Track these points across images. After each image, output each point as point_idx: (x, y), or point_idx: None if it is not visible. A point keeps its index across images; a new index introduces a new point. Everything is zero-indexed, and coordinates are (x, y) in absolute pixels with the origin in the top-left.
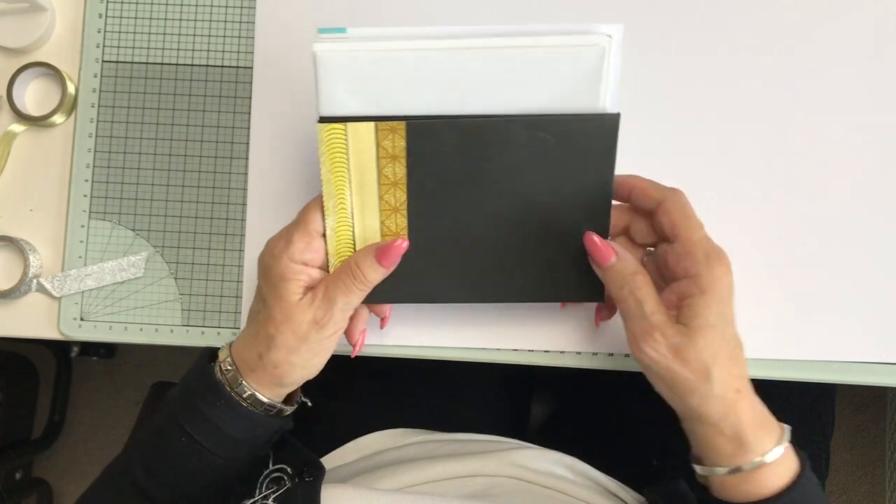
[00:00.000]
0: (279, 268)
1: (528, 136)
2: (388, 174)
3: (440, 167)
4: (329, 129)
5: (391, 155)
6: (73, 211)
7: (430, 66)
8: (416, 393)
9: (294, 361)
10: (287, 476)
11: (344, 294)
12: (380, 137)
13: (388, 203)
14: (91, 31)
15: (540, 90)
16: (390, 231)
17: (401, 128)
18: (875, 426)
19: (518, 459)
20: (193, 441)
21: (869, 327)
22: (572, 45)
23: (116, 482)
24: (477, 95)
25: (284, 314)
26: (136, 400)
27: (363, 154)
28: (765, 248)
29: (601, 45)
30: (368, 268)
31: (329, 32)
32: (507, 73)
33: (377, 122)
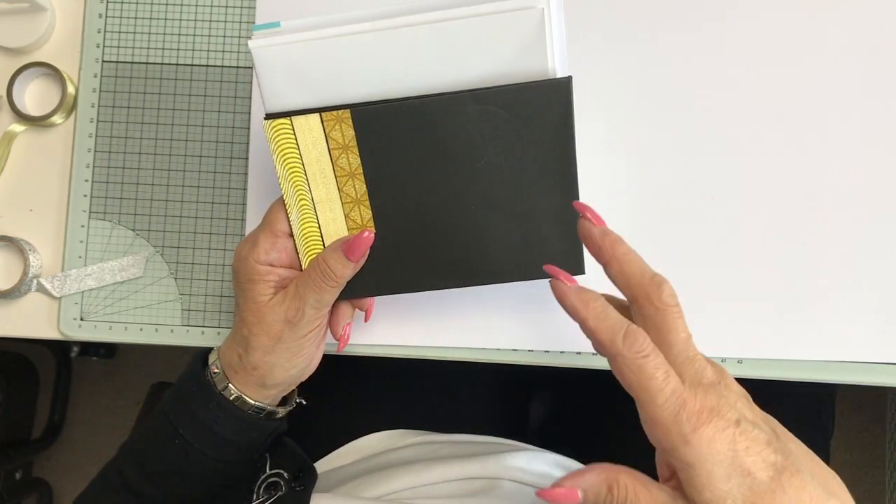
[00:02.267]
0: (246, 270)
1: (477, 110)
2: (344, 165)
3: (394, 152)
4: (275, 125)
5: (342, 145)
6: (73, 211)
7: (368, 49)
8: (415, 393)
9: (272, 362)
10: (284, 481)
11: (314, 291)
12: (327, 128)
13: (349, 195)
14: (91, 31)
15: (483, 61)
16: (356, 224)
17: (346, 116)
18: (875, 426)
19: (517, 462)
20: (186, 442)
21: (869, 327)
22: (509, 10)
23: (111, 482)
24: (420, 74)
25: (255, 315)
26: (136, 400)
27: (314, 147)
28: (764, 248)
29: (538, 6)
30: (336, 262)
31: (263, 28)
32: (446, 47)
33: (321, 113)
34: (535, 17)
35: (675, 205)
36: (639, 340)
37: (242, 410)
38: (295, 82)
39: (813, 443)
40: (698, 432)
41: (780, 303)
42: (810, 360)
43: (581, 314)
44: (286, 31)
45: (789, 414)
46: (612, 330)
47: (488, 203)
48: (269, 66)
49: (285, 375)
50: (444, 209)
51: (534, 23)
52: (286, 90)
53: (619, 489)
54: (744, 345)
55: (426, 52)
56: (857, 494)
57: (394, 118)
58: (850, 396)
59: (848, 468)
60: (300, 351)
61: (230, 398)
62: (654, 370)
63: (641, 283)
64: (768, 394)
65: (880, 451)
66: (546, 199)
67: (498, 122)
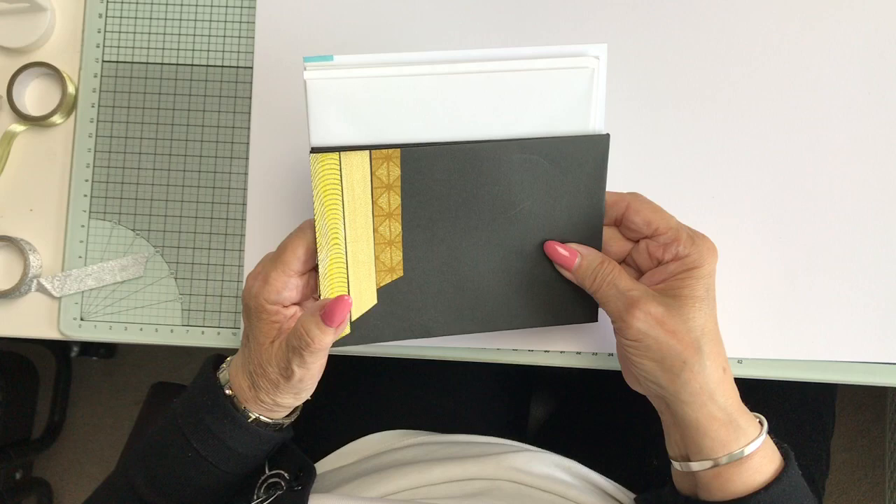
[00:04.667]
0: (255, 307)
1: (521, 159)
2: (383, 205)
3: (435, 195)
4: (322, 160)
5: (386, 184)
6: (73, 211)
7: (422, 92)
8: (415, 393)
9: (279, 400)
10: (284, 481)
11: (297, 357)
12: (374, 166)
13: (383, 236)
14: (91, 31)
15: (532, 113)
16: (384, 266)
17: (395, 155)
18: (875, 426)
19: (516, 463)
20: (200, 456)
21: (869, 327)
22: (562, 69)
23: (118, 490)
24: (469, 120)
25: (258, 357)
26: (136, 400)
27: (357, 185)
28: (765, 249)
29: (590, 67)
30: (313, 328)
31: (316, 60)
32: (498, 97)
33: (372, 151)
34: (585, 76)
35: (675, 205)
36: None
37: (257, 427)
38: (346, 117)
39: (813, 443)
40: (703, 247)
41: (781, 303)
42: (810, 360)
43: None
44: (339, 65)
45: (789, 414)
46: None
47: (518, 249)
48: (322, 100)
49: (291, 406)
50: (474, 253)
51: (584, 81)
52: (336, 125)
53: (609, 265)
54: (744, 345)
55: (477, 100)
56: (857, 494)
57: (441, 160)
58: (850, 396)
59: (848, 468)
60: (300, 394)
61: (249, 420)
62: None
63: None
64: (768, 394)
65: (880, 451)
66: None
67: (538, 172)
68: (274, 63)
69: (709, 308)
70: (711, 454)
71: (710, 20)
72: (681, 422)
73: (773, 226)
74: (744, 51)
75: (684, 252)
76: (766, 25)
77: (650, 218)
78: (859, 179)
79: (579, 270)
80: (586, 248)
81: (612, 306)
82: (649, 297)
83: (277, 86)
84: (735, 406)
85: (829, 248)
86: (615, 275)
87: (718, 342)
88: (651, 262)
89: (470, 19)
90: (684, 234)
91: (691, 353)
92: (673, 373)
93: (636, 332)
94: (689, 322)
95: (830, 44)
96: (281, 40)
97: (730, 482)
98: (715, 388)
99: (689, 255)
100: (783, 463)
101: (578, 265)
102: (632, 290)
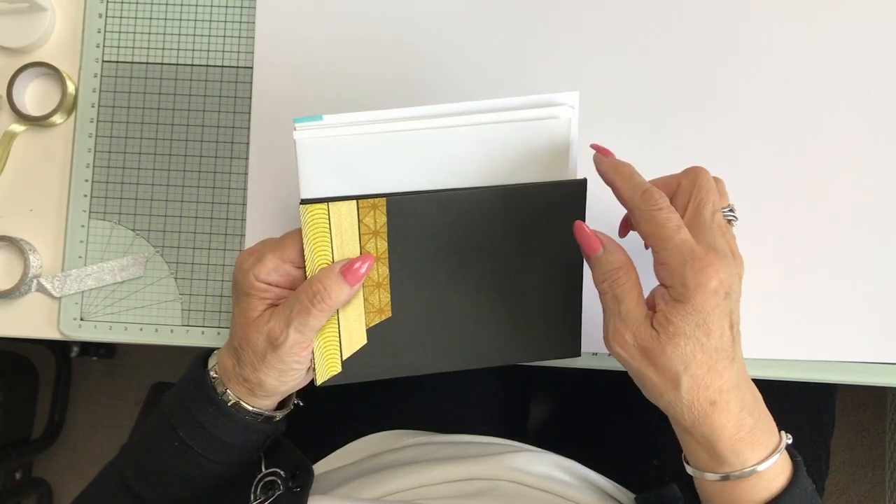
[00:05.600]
0: (244, 283)
1: (504, 204)
2: (371, 249)
3: (421, 240)
4: (312, 210)
5: (373, 231)
6: (73, 211)
7: (408, 145)
8: (414, 393)
9: (261, 379)
10: (281, 480)
11: (302, 313)
12: (361, 214)
13: (371, 278)
14: (91, 31)
15: (512, 161)
16: (373, 307)
17: (381, 204)
18: (875, 426)
19: (516, 463)
20: (185, 445)
21: (869, 327)
22: (540, 119)
23: (109, 484)
24: (453, 170)
25: (244, 330)
26: (136, 400)
27: (346, 231)
28: (765, 249)
29: (566, 116)
30: (334, 284)
31: (305, 121)
32: (479, 147)
33: (359, 200)
34: (562, 125)
35: None
36: (654, 196)
37: (241, 415)
38: (334, 172)
39: (813, 443)
40: (695, 278)
41: (781, 303)
42: (810, 360)
43: (610, 175)
44: (328, 124)
45: (789, 414)
46: (634, 189)
47: (502, 290)
48: (311, 157)
49: (275, 390)
50: (459, 294)
51: (562, 129)
52: (325, 179)
53: (624, 276)
54: (744, 345)
55: (459, 151)
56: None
57: (425, 208)
58: (850, 396)
59: (848, 468)
60: (288, 372)
61: (228, 403)
62: (665, 220)
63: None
64: (768, 394)
65: (880, 451)
66: (553, 286)
67: (521, 216)
68: (274, 63)
69: (697, 343)
70: (698, 468)
71: (710, 20)
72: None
73: (773, 226)
74: (744, 50)
75: (668, 281)
76: (764, 24)
77: (649, 233)
78: (859, 179)
79: (597, 262)
80: (613, 245)
81: (605, 317)
82: (641, 328)
83: (277, 86)
84: (726, 437)
85: (829, 248)
86: (623, 290)
87: (713, 374)
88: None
89: (475, 9)
90: (676, 260)
91: (668, 388)
92: (653, 397)
93: (616, 355)
94: (671, 360)
95: (832, 44)
96: (281, 40)
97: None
98: (696, 420)
99: (673, 288)
100: (791, 476)
101: (598, 257)
102: (628, 316)
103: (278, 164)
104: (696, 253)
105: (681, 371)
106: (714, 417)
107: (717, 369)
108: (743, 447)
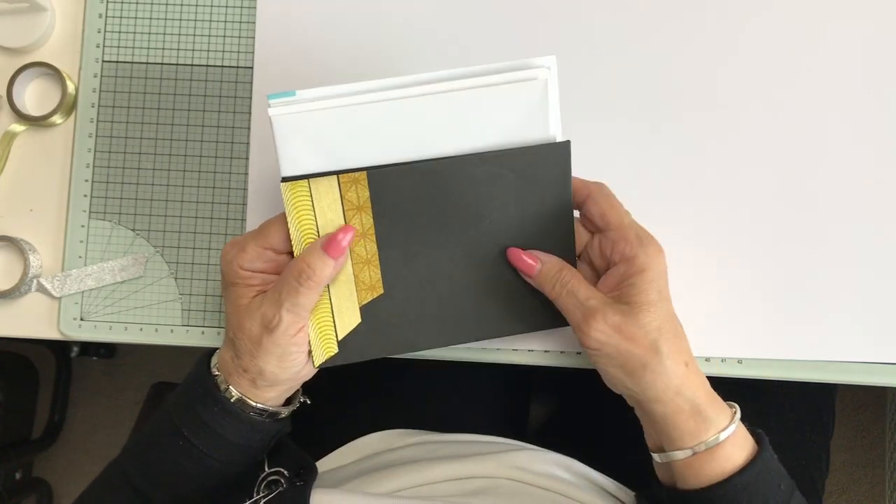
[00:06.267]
0: (229, 273)
1: (484, 172)
2: (357, 225)
3: (405, 213)
4: (292, 187)
5: (357, 206)
6: (73, 211)
7: (382, 117)
8: (415, 393)
9: (260, 366)
10: (284, 478)
11: (291, 294)
12: (343, 190)
13: (360, 256)
14: (91, 31)
15: (490, 127)
16: (365, 285)
17: (362, 178)
18: (875, 426)
19: (516, 461)
20: (190, 444)
21: (869, 327)
22: (514, 82)
23: (113, 483)
24: (431, 139)
25: (237, 319)
26: (136, 400)
27: (329, 209)
28: (764, 248)
29: (542, 77)
30: (317, 260)
31: (279, 97)
32: (456, 114)
33: (339, 175)
34: (538, 87)
35: (674, 205)
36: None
37: (245, 412)
38: (312, 148)
39: (813, 443)
40: (650, 249)
41: (780, 303)
42: (810, 360)
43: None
44: (301, 99)
45: (789, 414)
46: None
47: (492, 261)
48: (288, 133)
49: (277, 378)
50: (450, 267)
51: (537, 92)
52: (303, 155)
53: (568, 272)
54: (744, 345)
55: (436, 120)
56: (857, 494)
57: (407, 180)
58: (850, 396)
59: (848, 468)
60: (286, 356)
61: (231, 400)
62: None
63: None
64: (768, 394)
65: (880, 451)
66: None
67: (503, 183)
68: (274, 63)
69: (662, 309)
70: (683, 444)
71: (709, 20)
72: (651, 417)
73: (773, 226)
74: (744, 50)
75: (630, 253)
76: (764, 24)
77: (605, 211)
78: (859, 179)
79: (539, 277)
80: (547, 256)
81: (571, 315)
82: (607, 306)
83: (277, 86)
84: (704, 398)
85: (829, 248)
86: (574, 284)
87: (678, 339)
88: (602, 261)
89: (477, 13)
90: (633, 234)
91: (650, 356)
92: (636, 376)
93: (595, 341)
94: (646, 326)
95: (833, 44)
96: (281, 40)
97: (703, 469)
98: (680, 384)
99: (637, 257)
100: (756, 448)
101: (539, 272)
102: (590, 300)
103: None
104: (647, 231)
105: (656, 337)
106: (692, 378)
107: (679, 333)
108: (717, 406)
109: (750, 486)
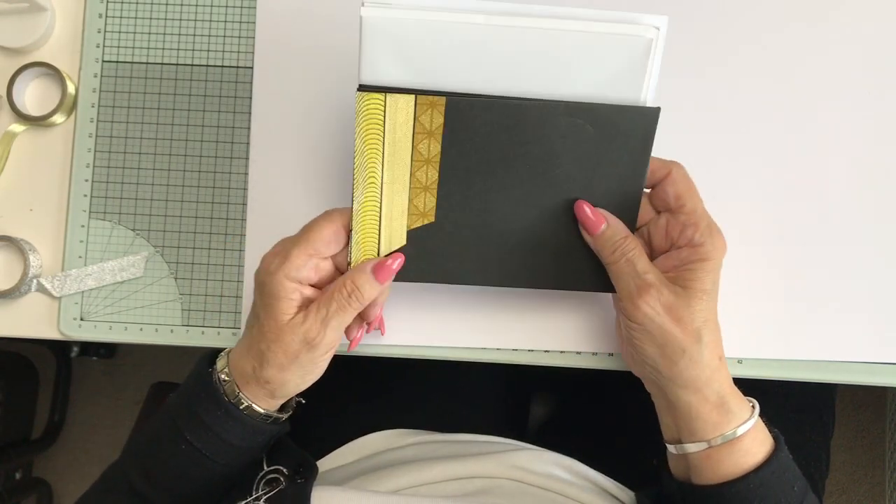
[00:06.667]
0: (273, 285)
1: (566, 122)
2: (423, 150)
3: (476, 147)
4: (367, 99)
5: (428, 131)
6: (73, 211)
7: (476, 41)
8: (415, 393)
9: (286, 379)
10: (283, 476)
11: (339, 312)
12: (418, 112)
13: (419, 181)
14: (91, 31)
15: (583, 76)
16: (418, 210)
17: (440, 103)
18: (875, 426)
19: (517, 461)
20: (193, 448)
21: (869, 327)
22: (621, 34)
23: (114, 485)
24: (519, 75)
25: (275, 333)
26: (136, 400)
27: (400, 128)
28: (765, 248)
29: (648, 36)
30: (365, 283)
31: None
32: (552, 55)
33: (417, 96)
34: (643, 45)
35: None
36: (685, 168)
37: (251, 418)
38: (396, 58)
39: (813, 443)
40: (717, 240)
41: (781, 303)
42: (810, 360)
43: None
44: (398, 4)
45: (789, 414)
46: (663, 160)
47: (551, 211)
48: (376, 37)
49: (295, 389)
50: (509, 210)
51: (640, 50)
52: (385, 64)
53: (632, 241)
54: (744, 345)
55: (531, 56)
56: (857, 494)
57: (487, 113)
58: (850, 396)
59: (848, 468)
60: (314, 369)
61: (240, 406)
62: (696, 188)
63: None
64: (768, 394)
65: (880, 451)
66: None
67: (583, 137)
68: (274, 63)
69: (712, 300)
70: (704, 436)
71: (708, 19)
72: (674, 405)
73: (774, 226)
74: (744, 50)
75: (699, 240)
76: (764, 24)
77: (682, 192)
78: (859, 179)
79: (601, 238)
80: (614, 219)
81: (623, 284)
82: (663, 284)
83: (277, 86)
84: (728, 391)
85: (829, 248)
86: (636, 253)
87: (717, 332)
88: (664, 242)
89: None
90: (704, 223)
91: (692, 343)
92: (672, 360)
93: (643, 316)
94: (695, 313)
95: (835, 45)
96: (281, 40)
97: (721, 464)
98: (710, 376)
99: (703, 246)
100: (774, 446)
101: (602, 232)
102: (647, 273)
103: (278, 164)
104: (713, 220)
105: (701, 326)
106: (722, 372)
107: (718, 328)
108: (739, 400)
109: (765, 484)
